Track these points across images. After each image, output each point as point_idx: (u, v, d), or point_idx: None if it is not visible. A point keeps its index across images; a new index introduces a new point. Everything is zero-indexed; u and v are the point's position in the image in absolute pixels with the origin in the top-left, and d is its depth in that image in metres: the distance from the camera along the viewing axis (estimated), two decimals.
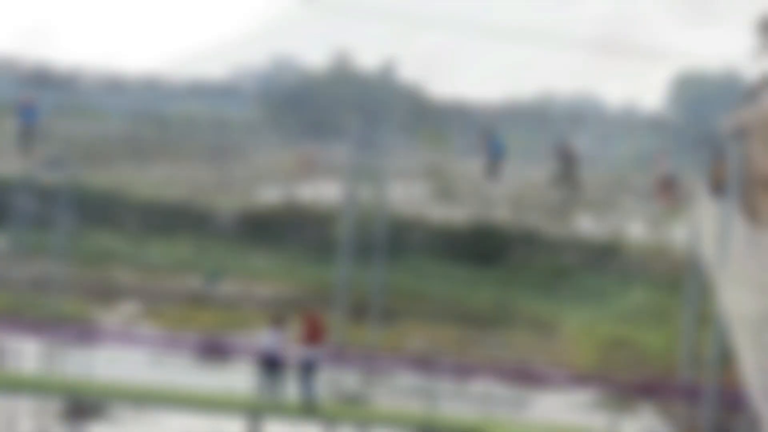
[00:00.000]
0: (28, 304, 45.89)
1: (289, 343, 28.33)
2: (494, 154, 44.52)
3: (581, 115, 49.78)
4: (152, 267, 58.06)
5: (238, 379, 30.59)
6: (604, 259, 64.72)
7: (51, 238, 47.45)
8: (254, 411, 27.15)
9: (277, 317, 28.71)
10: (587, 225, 66.30)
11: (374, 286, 43.97)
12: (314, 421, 30.76)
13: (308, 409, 27.62)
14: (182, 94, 51.41)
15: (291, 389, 28.04)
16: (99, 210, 70.79)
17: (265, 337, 27.98)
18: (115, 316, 48.58)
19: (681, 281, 48.86)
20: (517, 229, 61.37)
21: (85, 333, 35.34)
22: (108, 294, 54.46)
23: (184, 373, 32.07)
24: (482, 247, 65.33)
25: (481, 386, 37.64)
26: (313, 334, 27.77)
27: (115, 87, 47.97)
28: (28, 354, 36.90)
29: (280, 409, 27.72)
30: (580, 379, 38.46)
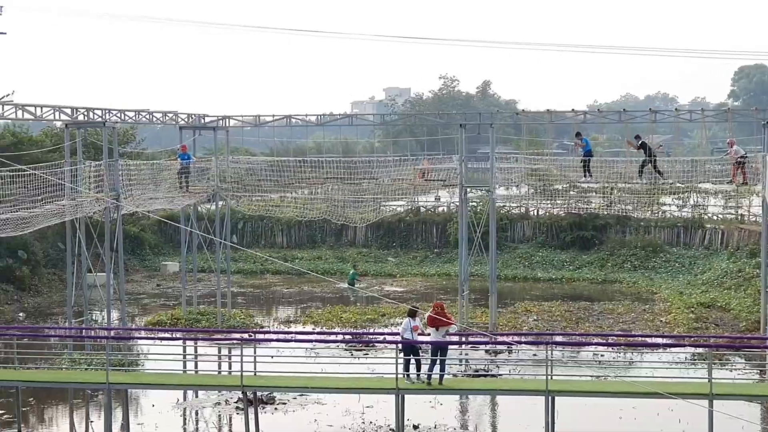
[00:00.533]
0: (202, 315, 46.96)
1: (422, 329, 28.54)
2: (585, 153, 44.18)
3: (657, 111, 49.22)
4: (301, 275, 58.91)
5: (381, 362, 30.91)
6: (689, 234, 63.93)
7: (215, 258, 48.35)
8: (398, 390, 27.41)
9: (411, 309, 28.93)
10: (672, 206, 65.62)
11: (491, 275, 43.99)
12: (449, 394, 31.00)
13: (443, 384, 27.84)
14: (313, 127, 51.99)
15: (427, 368, 28.24)
16: (252, 231, 72.21)
17: (403, 326, 28.24)
18: (275, 319, 49.33)
19: (758, 248, 48.04)
20: (611, 215, 60.87)
21: (252, 335, 35.98)
22: (267, 301, 55.39)
23: (337, 362, 32.41)
24: (582, 234, 65.12)
25: (591, 353, 37.42)
26: (442, 320, 27.94)
27: (257, 126, 48.78)
28: (207, 356, 37.78)
29: (419, 387, 27.94)
30: (677, 339, 38.06)
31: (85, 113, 38.00)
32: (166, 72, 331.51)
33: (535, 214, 68.40)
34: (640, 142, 43.20)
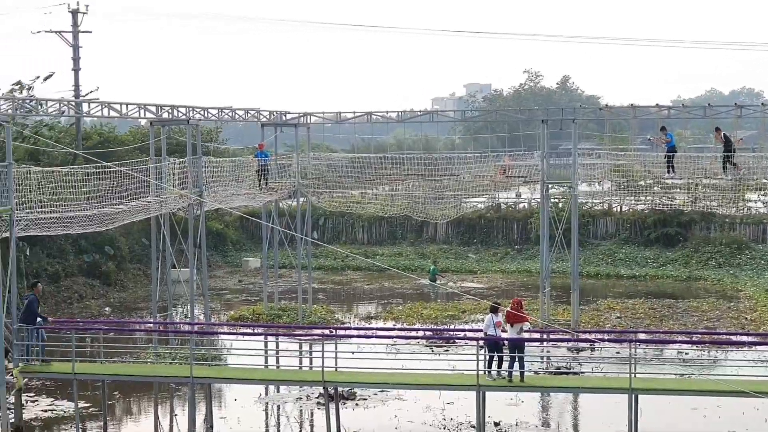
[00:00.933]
0: (283, 311, 47.29)
1: (504, 325, 28.39)
2: (669, 149, 43.45)
3: (743, 106, 48.42)
4: (381, 271, 59.06)
5: (462, 359, 30.83)
6: None
7: (296, 255, 48.63)
8: (479, 387, 27.33)
9: (493, 305, 28.81)
10: (757, 203, 64.50)
11: (573, 272, 43.66)
12: (530, 391, 30.81)
13: (524, 381, 27.70)
14: (394, 123, 51.91)
15: (507, 365, 28.12)
16: (333, 227, 72.55)
17: (486, 322, 28.18)
18: (355, 315, 49.51)
19: None
20: (696, 211, 60.06)
21: (333, 331, 36.18)
22: (347, 298, 55.61)
23: (417, 359, 32.38)
24: (666, 230, 64.32)
25: (676, 351, 36.92)
26: (520, 316, 27.83)
27: (338, 123, 48.84)
28: (288, 351, 38.11)
29: (501, 384, 27.83)
30: (763, 337, 37.38)
31: (170, 111, 38.41)
32: (248, 69, 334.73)
33: (618, 210, 67.73)
34: (723, 135, 42.38)
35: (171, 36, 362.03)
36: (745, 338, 37.98)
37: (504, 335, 28.10)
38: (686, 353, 36.83)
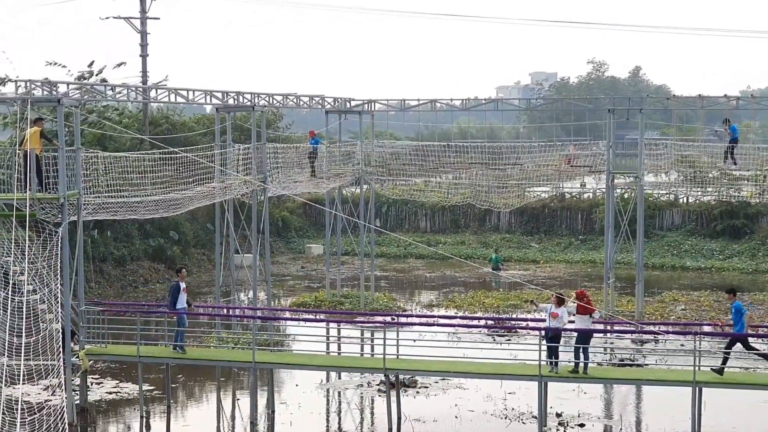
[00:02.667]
0: (345, 298, 47.43)
1: (567, 316, 28.23)
2: (731, 141, 42.83)
3: None
4: (444, 260, 58.97)
5: (524, 349, 30.71)
6: None
7: (359, 242, 48.71)
8: (541, 377, 27.24)
9: (557, 296, 28.65)
10: None
11: (638, 263, 43.28)
12: (593, 383, 30.60)
13: (586, 372, 27.56)
14: (458, 112, 51.75)
15: (570, 356, 28.00)
16: (396, 215, 72.60)
17: (548, 314, 28.05)
18: (417, 303, 49.53)
19: None
20: (763, 203, 59.24)
21: (394, 318, 36.22)
22: (409, 285, 55.63)
23: (479, 347, 32.31)
24: (733, 222, 63.48)
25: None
26: (585, 307, 27.69)
27: (402, 111, 48.78)
28: (349, 338, 38.21)
29: (563, 374, 27.70)
30: None
31: (235, 97, 38.65)
32: (313, 56, 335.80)
33: (685, 201, 67.01)
34: None
35: (235, 22, 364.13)
36: None
37: (570, 326, 28.00)
38: None
